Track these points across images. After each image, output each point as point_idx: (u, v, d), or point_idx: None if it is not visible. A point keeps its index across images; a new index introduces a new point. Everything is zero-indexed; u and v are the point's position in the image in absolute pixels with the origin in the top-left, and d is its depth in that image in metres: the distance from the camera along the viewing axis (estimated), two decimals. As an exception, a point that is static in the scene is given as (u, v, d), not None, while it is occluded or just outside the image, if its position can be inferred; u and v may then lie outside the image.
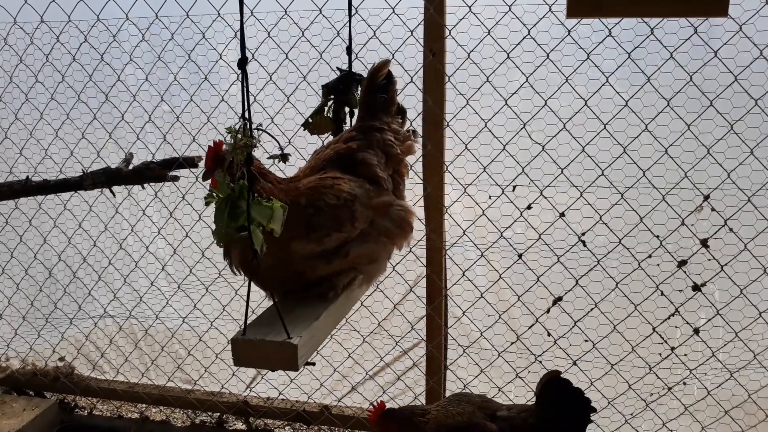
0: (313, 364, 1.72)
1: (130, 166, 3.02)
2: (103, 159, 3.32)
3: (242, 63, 1.40)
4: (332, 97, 2.12)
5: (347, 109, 2.11)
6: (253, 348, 1.43)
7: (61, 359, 3.83)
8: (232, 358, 1.46)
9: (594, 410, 2.24)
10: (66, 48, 3.24)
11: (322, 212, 1.64)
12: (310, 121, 2.09)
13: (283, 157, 1.68)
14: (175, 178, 3.01)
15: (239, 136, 1.42)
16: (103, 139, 3.35)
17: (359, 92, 2.03)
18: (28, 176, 3.09)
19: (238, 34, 2.90)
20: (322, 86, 2.13)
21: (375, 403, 2.32)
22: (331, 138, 2.11)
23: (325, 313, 1.63)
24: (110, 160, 3.31)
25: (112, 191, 3.04)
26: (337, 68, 2.19)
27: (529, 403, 2.56)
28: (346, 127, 2.11)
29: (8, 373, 3.78)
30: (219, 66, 3.07)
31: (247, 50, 2.95)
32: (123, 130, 3.32)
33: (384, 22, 2.71)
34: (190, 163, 2.96)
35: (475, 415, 2.26)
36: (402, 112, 2.03)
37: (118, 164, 3.04)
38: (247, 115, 1.41)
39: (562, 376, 2.26)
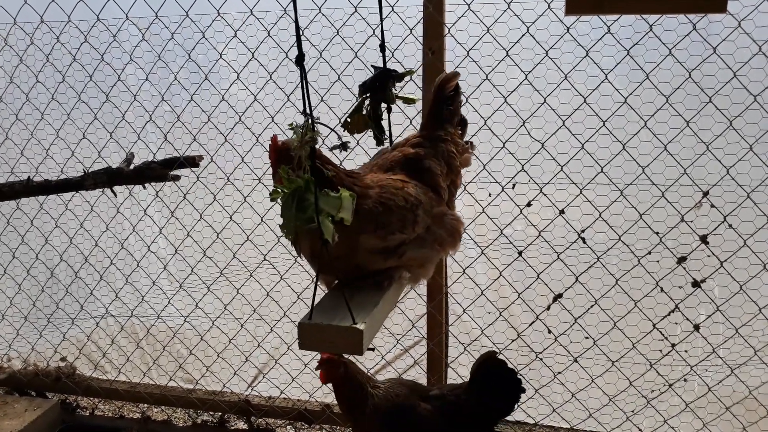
0: (373, 349, 1.79)
1: (131, 166, 3.03)
2: (104, 159, 3.33)
3: (300, 59, 1.42)
4: (368, 95, 2.12)
5: (384, 106, 2.12)
6: (320, 332, 1.48)
7: (63, 359, 3.84)
8: (298, 341, 1.50)
9: (523, 390, 2.38)
10: (66, 48, 3.25)
11: (391, 212, 1.68)
12: (348, 120, 2.09)
13: (343, 146, 1.71)
14: (176, 178, 3.02)
15: (303, 131, 1.46)
16: (104, 139, 3.36)
17: (395, 88, 2.05)
18: (29, 176, 3.10)
19: (238, 33, 2.93)
20: (359, 85, 2.12)
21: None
22: (368, 136, 2.13)
23: (382, 301, 1.67)
24: (111, 160, 3.32)
25: (113, 191, 3.05)
26: (372, 66, 2.19)
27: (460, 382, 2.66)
28: (384, 123, 2.12)
29: (10, 374, 3.79)
30: (219, 65, 3.08)
31: (248, 49, 2.98)
32: (124, 129, 3.33)
33: (383, 20, 2.71)
34: (191, 162, 2.97)
35: (410, 398, 2.36)
36: (463, 123, 2.07)
37: (119, 164, 3.05)
38: (308, 111, 1.44)
39: (497, 356, 2.38)
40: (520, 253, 2.83)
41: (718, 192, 2.61)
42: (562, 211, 2.73)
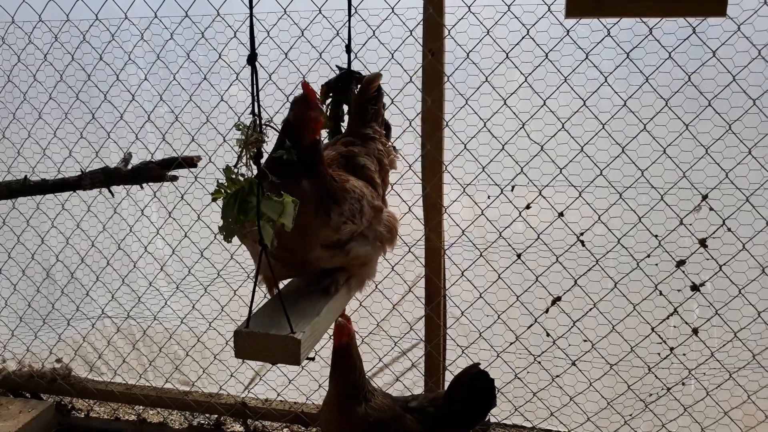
0: (313, 358, 1.77)
1: (129, 166, 3.02)
2: (102, 159, 3.32)
3: (252, 59, 1.42)
4: (331, 95, 2.14)
5: (345, 108, 2.13)
6: (256, 341, 1.44)
7: (58, 361, 3.81)
8: (234, 350, 1.46)
9: (495, 397, 2.39)
10: (66, 48, 3.24)
11: (344, 200, 1.70)
12: None
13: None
14: (174, 178, 3.00)
15: (250, 132, 1.43)
16: (102, 139, 3.35)
17: (356, 90, 2.06)
18: (26, 175, 3.09)
19: (238, 34, 2.93)
20: (322, 85, 2.15)
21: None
22: (327, 136, 2.14)
23: (326, 308, 1.64)
24: (110, 160, 3.31)
25: (110, 191, 3.03)
26: (337, 66, 2.21)
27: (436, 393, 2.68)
28: (344, 125, 2.13)
29: (5, 375, 3.76)
30: (219, 66, 3.08)
31: (248, 50, 2.97)
32: (123, 129, 3.32)
33: (383, 21, 2.73)
34: (189, 162, 2.96)
35: (395, 409, 2.33)
36: (387, 128, 2.13)
37: (116, 164, 3.04)
38: (256, 111, 1.43)
39: (481, 368, 2.39)
40: (518, 256, 2.82)
41: (716, 195, 2.61)
42: (561, 214, 2.72)
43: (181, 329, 3.49)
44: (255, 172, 1.43)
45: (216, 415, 3.53)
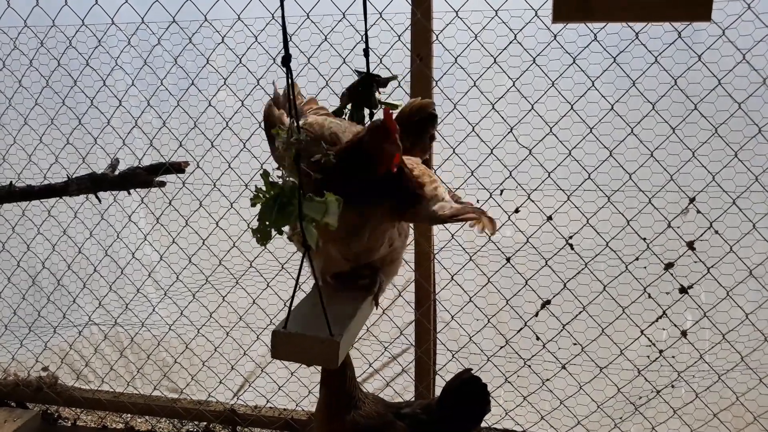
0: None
1: (116, 172, 2.99)
2: (89, 165, 3.29)
3: (286, 60, 1.40)
4: (352, 100, 2.09)
5: (367, 111, 2.10)
6: (295, 342, 1.44)
7: (45, 369, 3.77)
8: (271, 350, 1.46)
9: (488, 402, 2.30)
10: (52, 54, 3.22)
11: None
12: None
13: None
14: (162, 184, 2.98)
15: (289, 133, 1.43)
16: (89, 145, 3.33)
17: (379, 93, 2.04)
18: (11, 181, 3.06)
19: (226, 39, 2.92)
20: (344, 89, 2.10)
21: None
22: None
23: (358, 313, 1.64)
24: (97, 166, 3.27)
25: (97, 197, 3.01)
26: (356, 70, 2.17)
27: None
28: None
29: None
30: (207, 71, 3.06)
31: (236, 55, 2.97)
32: (111, 135, 3.30)
33: (371, 26, 2.72)
34: (176, 168, 2.94)
35: (387, 416, 2.28)
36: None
37: (103, 170, 3.01)
38: (294, 114, 1.43)
39: (473, 374, 2.34)
40: (508, 260, 2.83)
41: (704, 198, 2.62)
42: (549, 218, 2.73)
43: (169, 336, 3.46)
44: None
45: (205, 423, 3.50)
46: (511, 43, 2.59)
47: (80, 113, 3.26)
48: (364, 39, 2.01)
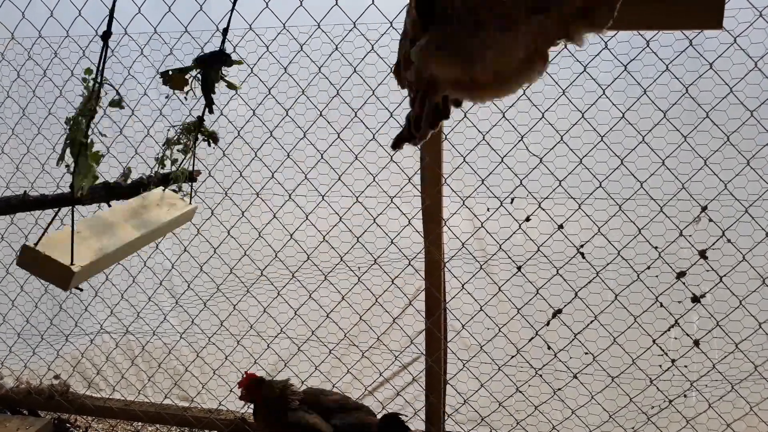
0: (81, 290, 2.14)
1: (129, 181, 3.01)
2: (101, 174, 3.30)
3: (106, 35, 1.58)
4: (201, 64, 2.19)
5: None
6: (39, 260, 1.60)
7: (57, 377, 3.79)
8: (17, 258, 1.62)
9: None
10: (65, 64, 3.25)
11: None
12: (170, 73, 2.15)
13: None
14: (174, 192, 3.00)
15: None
16: (102, 154, 3.34)
17: (222, 71, 2.15)
18: (25, 191, 3.08)
19: (238, 49, 2.94)
20: (196, 57, 2.19)
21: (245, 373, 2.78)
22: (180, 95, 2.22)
23: (121, 246, 1.80)
24: (109, 174, 3.29)
25: (110, 206, 3.03)
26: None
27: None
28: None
29: (2, 392, 3.73)
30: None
31: (247, 65, 2.98)
32: (123, 144, 3.32)
33: (382, 36, 2.74)
34: (188, 177, 2.96)
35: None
36: None
37: (116, 179, 3.03)
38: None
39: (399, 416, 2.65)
40: (519, 268, 2.82)
41: (716, 207, 2.61)
42: (560, 226, 2.72)
43: (180, 344, 3.48)
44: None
45: (215, 431, 3.50)
46: (521, 51, 2.59)
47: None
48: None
